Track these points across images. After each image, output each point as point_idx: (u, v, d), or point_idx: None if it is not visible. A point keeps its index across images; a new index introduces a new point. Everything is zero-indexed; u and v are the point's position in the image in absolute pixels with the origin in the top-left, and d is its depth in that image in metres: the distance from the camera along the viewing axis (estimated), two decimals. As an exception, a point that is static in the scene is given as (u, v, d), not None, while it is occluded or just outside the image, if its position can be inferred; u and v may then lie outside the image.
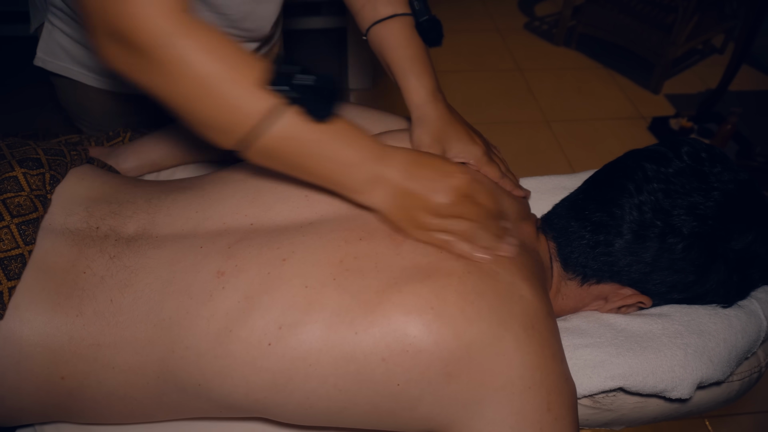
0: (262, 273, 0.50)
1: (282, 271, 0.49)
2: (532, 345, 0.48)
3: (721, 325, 0.61)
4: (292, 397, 0.48)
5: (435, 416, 0.49)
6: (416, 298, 0.48)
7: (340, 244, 0.51)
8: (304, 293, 0.48)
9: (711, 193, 0.55)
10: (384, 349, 0.47)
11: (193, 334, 0.49)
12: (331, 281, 0.49)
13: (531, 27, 2.90)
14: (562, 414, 0.49)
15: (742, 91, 2.35)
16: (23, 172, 0.54)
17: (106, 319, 0.49)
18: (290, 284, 0.49)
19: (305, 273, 0.49)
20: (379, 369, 0.47)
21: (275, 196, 0.56)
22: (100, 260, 0.51)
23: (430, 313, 0.47)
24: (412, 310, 0.47)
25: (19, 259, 0.49)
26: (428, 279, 0.49)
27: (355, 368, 0.47)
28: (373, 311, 0.47)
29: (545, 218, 0.67)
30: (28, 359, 0.48)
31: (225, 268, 0.50)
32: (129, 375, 0.50)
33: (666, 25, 2.26)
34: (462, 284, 0.49)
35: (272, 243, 0.52)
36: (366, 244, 0.51)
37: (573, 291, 0.63)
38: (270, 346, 0.47)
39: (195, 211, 0.55)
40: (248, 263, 0.50)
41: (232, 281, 0.49)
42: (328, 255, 0.50)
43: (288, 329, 0.47)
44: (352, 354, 0.47)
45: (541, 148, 2.11)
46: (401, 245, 0.51)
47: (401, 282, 0.48)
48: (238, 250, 0.51)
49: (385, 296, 0.48)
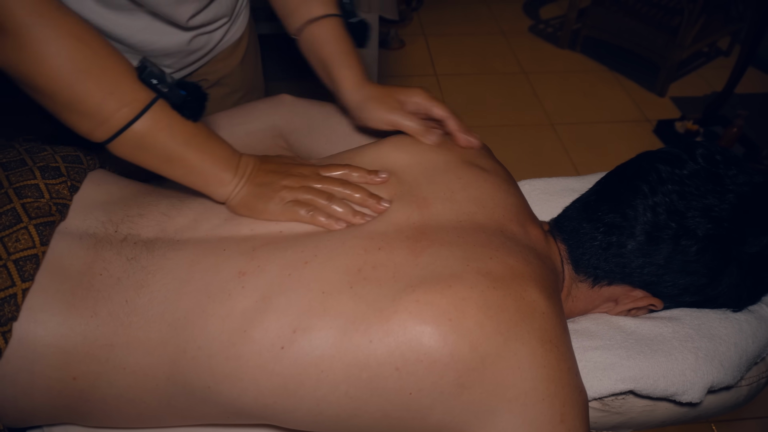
0: (284, 274, 0.50)
1: (303, 274, 0.49)
2: (549, 359, 0.48)
3: (731, 329, 0.61)
4: (303, 403, 0.48)
5: (446, 425, 0.49)
6: (434, 309, 0.47)
7: (360, 252, 0.51)
8: (321, 299, 0.48)
9: (726, 196, 0.55)
10: (398, 358, 0.47)
11: (206, 333, 0.49)
12: (348, 289, 0.49)
13: (536, 30, 2.90)
14: (576, 426, 0.49)
15: (748, 93, 2.34)
16: (45, 183, 0.54)
17: (120, 320, 0.49)
18: (308, 288, 0.49)
19: (324, 278, 0.49)
20: (392, 377, 0.47)
21: None
22: (117, 262, 0.51)
23: (448, 324, 0.47)
24: (428, 320, 0.47)
25: (34, 260, 0.49)
26: (448, 290, 0.48)
27: (368, 376, 0.47)
28: (389, 320, 0.47)
29: (556, 221, 0.67)
30: (41, 360, 0.48)
31: (247, 269, 0.50)
32: (139, 376, 0.50)
33: (672, 27, 2.26)
34: (483, 298, 0.48)
35: (296, 246, 0.52)
36: (384, 254, 0.51)
37: (584, 293, 0.63)
38: (283, 349, 0.47)
39: (224, 219, 0.56)
40: (270, 264, 0.50)
41: (252, 281, 0.50)
42: (348, 262, 0.50)
43: (302, 333, 0.47)
44: (365, 362, 0.47)
45: (546, 151, 2.10)
46: (420, 256, 0.51)
47: (419, 292, 0.48)
48: (262, 252, 0.51)
49: (402, 305, 0.48)
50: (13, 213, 0.51)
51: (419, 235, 0.53)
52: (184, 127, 0.52)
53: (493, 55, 2.68)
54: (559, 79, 2.52)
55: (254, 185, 0.55)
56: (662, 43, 2.29)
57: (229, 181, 0.55)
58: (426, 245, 0.52)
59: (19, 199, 0.52)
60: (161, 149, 0.52)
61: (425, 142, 0.63)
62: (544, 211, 0.78)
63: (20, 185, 0.53)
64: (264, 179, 0.56)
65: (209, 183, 0.55)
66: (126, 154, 0.52)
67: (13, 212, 0.51)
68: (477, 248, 0.53)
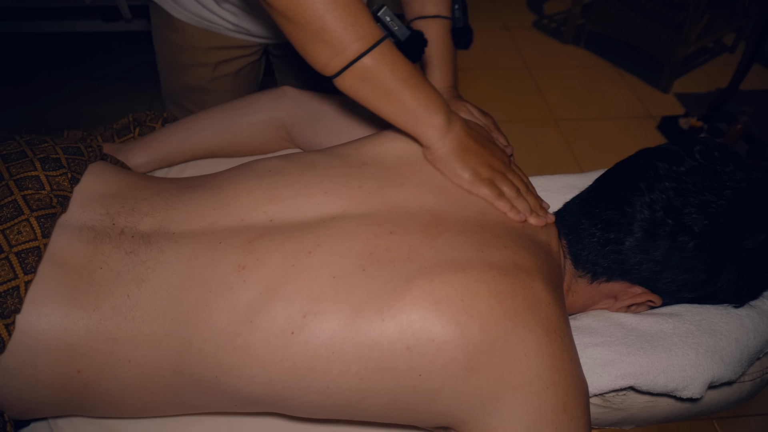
0: (287, 265, 0.50)
1: (308, 263, 0.50)
2: (553, 348, 0.49)
3: (732, 324, 0.61)
4: (312, 387, 0.49)
5: (452, 411, 0.49)
6: (448, 289, 0.48)
7: (369, 237, 0.51)
8: (332, 283, 0.49)
9: (723, 192, 0.55)
10: (410, 336, 0.47)
11: (211, 326, 0.49)
12: (361, 272, 0.49)
13: (540, 25, 2.89)
14: (578, 415, 0.49)
15: (752, 90, 2.33)
16: (46, 174, 0.54)
17: (123, 314, 0.50)
18: (317, 274, 0.49)
19: (333, 264, 0.49)
20: (403, 357, 0.47)
21: (292, 193, 0.56)
22: (116, 256, 0.52)
23: (460, 305, 0.47)
24: (441, 300, 0.47)
25: (36, 252, 0.49)
26: (462, 272, 0.49)
27: (379, 356, 0.47)
28: (402, 297, 0.48)
29: (556, 216, 0.67)
30: (44, 353, 0.49)
31: (246, 262, 0.50)
32: (145, 369, 0.50)
33: (676, 23, 2.25)
34: (495, 283, 0.49)
35: (295, 237, 0.52)
36: (397, 237, 0.52)
37: (583, 288, 0.63)
38: (293, 334, 0.48)
39: (212, 209, 0.56)
40: (270, 256, 0.50)
41: (253, 274, 0.50)
42: (358, 247, 0.51)
43: (313, 317, 0.48)
44: (377, 340, 0.47)
45: (550, 146, 2.10)
46: (436, 239, 0.52)
47: (433, 272, 0.49)
48: (259, 245, 0.51)
49: (416, 284, 0.48)
50: (14, 205, 0.51)
51: (435, 220, 0.54)
52: (404, 66, 0.57)
53: (496, 50, 2.67)
54: (562, 74, 2.51)
55: (462, 149, 0.60)
56: (667, 39, 2.28)
57: (440, 126, 0.58)
58: (442, 230, 0.53)
59: (20, 191, 0.52)
60: (383, 83, 0.56)
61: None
62: (545, 207, 0.78)
63: (21, 177, 0.53)
64: (473, 147, 0.60)
65: (421, 123, 0.58)
66: (351, 86, 0.56)
67: (14, 204, 0.51)
68: (493, 238, 0.54)
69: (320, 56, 0.55)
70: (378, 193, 0.56)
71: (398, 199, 0.56)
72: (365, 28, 0.54)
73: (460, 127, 0.60)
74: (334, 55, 0.54)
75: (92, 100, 2.23)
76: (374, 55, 0.54)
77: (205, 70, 0.92)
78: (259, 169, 0.60)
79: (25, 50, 2.52)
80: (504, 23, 2.91)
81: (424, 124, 0.58)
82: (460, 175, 0.59)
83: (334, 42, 0.53)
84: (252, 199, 0.56)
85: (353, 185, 0.57)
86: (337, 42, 0.53)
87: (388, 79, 0.55)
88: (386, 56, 0.55)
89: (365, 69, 0.54)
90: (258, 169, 0.60)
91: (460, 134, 0.60)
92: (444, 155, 0.59)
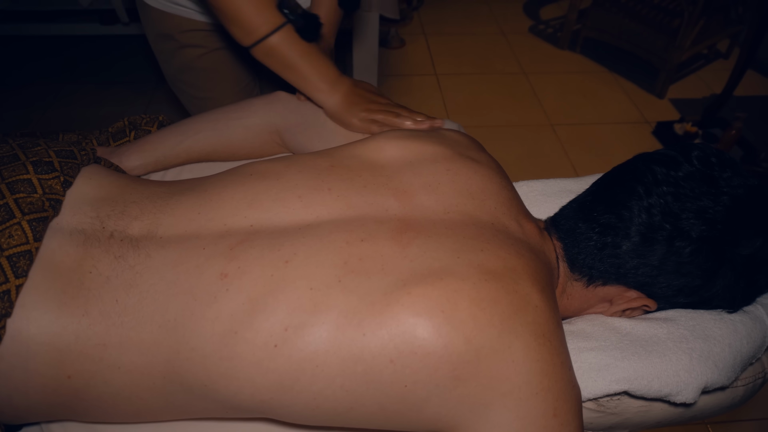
0: (266, 275, 0.49)
1: (285, 273, 0.49)
2: (542, 353, 0.48)
3: (726, 330, 0.61)
4: (299, 398, 0.48)
5: (441, 417, 0.49)
6: (426, 301, 0.47)
7: (342, 245, 0.51)
8: (310, 295, 0.48)
9: (720, 198, 0.55)
10: (392, 350, 0.47)
11: (198, 335, 0.49)
12: (337, 283, 0.49)
13: (536, 30, 2.90)
14: (569, 420, 0.49)
15: (747, 96, 2.35)
16: (38, 178, 0.54)
17: (112, 320, 0.49)
18: (294, 286, 0.49)
19: (309, 275, 0.49)
20: (387, 370, 0.47)
21: (270, 197, 0.56)
22: (106, 260, 0.51)
23: (441, 316, 0.47)
24: (421, 312, 0.47)
25: (27, 256, 0.49)
26: (440, 282, 0.48)
27: (363, 369, 0.47)
28: (382, 312, 0.47)
29: (552, 219, 0.67)
30: (34, 358, 0.48)
31: (228, 270, 0.50)
32: (135, 375, 0.50)
33: (671, 29, 2.26)
34: (476, 290, 0.48)
35: (273, 245, 0.52)
36: (368, 245, 0.51)
37: (578, 292, 0.63)
38: (276, 347, 0.47)
39: (197, 213, 0.55)
40: (251, 265, 0.50)
41: (235, 283, 0.49)
42: (331, 256, 0.50)
43: (294, 331, 0.47)
44: (359, 355, 0.47)
45: (546, 151, 2.11)
46: (407, 247, 0.51)
47: (410, 284, 0.48)
48: (240, 252, 0.51)
49: (393, 298, 0.48)
50: (6, 208, 0.50)
51: (404, 226, 0.53)
52: (301, 46, 0.75)
53: (493, 55, 2.68)
54: (558, 79, 2.53)
55: (348, 102, 0.76)
56: (662, 45, 2.29)
57: (325, 90, 0.76)
58: (412, 236, 0.52)
59: (12, 194, 0.52)
60: (284, 58, 0.75)
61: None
62: (541, 212, 0.78)
63: (13, 180, 0.53)
64: (354, 99, 0.76)
65: (315, 88, 0.76)
66: (260, 58, 0.76)
67: (6, 208, 0.51)
68: (467, 240, 0.53)
69: (236, 34, 0.75)
70: (344, 196, 0.56)
71: (364, 202, 0.56)
72: (270, 16, 0.73)
73: (347, 86, 0.77)
74: (246, 35, 0.74)
75: (89, 103, 2.22)
76: (276, 37, 0.73)
77: (190, 51, 0.97)
78: (241, 173, 0.60)
79: (23, 53, 2.52)
80: (501, 28, 2.92)
81: (317, 88, 0.76)
82: (350, 122, 0.75)
83: (245, 25, 0.73)
84: (234, 203, 0.56)
85: (323, 188, 0.57)
86: (248, 25, 0.73)
87: (288, 55, 0.74)
88: (286, 37, 0.74)
89: (270, 46, 0.74)
90: (241, 173, 0.60)
91: (345, 91, 0.76)
92: (334, 110, 0.76)
